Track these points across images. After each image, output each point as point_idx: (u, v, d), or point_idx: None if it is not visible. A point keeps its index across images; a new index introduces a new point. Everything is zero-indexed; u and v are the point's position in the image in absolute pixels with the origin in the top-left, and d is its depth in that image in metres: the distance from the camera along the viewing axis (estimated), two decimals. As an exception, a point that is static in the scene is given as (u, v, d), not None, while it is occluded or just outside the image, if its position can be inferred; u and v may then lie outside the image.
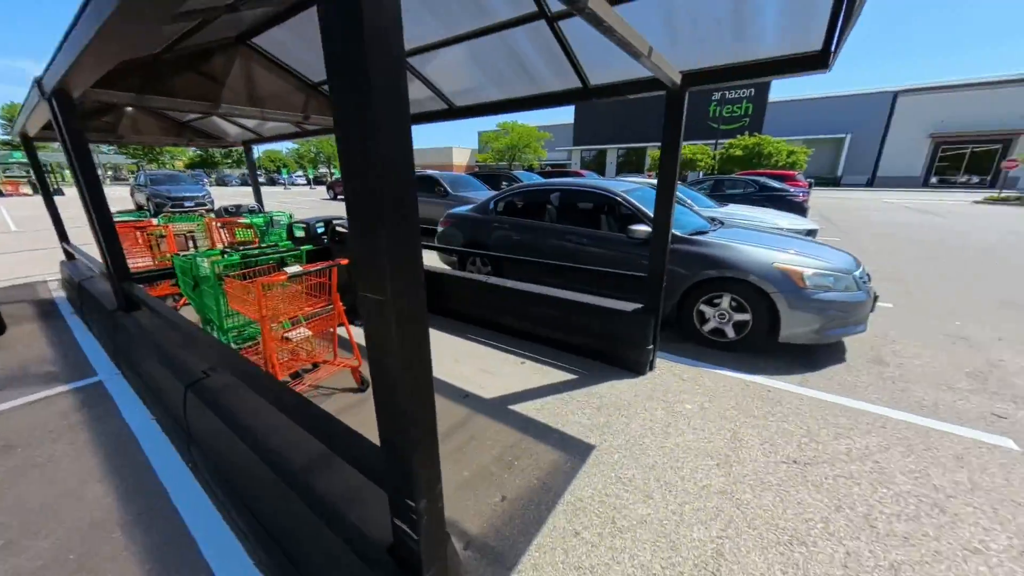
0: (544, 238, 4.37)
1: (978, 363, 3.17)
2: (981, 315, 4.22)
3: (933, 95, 33.65)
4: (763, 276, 3.11)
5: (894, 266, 6.40)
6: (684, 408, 2.59)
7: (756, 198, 10.23)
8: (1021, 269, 6.23)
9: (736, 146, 27.55)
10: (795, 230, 5.43)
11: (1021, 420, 2.45)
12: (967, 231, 10.35)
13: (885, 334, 3.74)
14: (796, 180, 14.06)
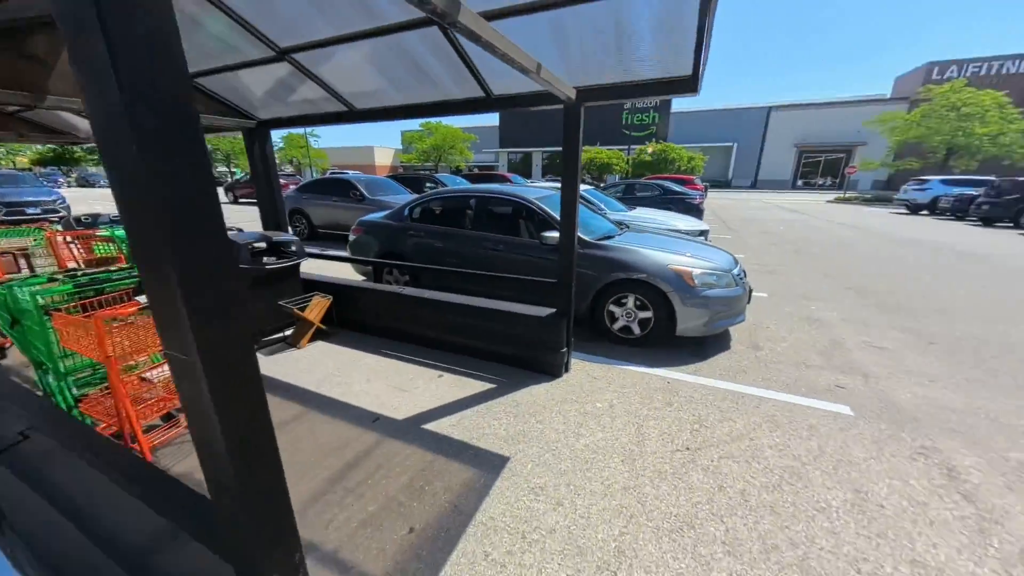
0: (462, 246, 4.32)
1: (826, 343, 3.79)
2: (830, 299, 5.08)
3: (797, 111, 39.99)
4: (661, 277, 3.39)
5: (770, 259, 7.46)
6: (595, 407, 2.71)
7: (661, 201, 11.23)
8: (861, 258, 7.64)
9: (646, 152, 30.12)
10: (690, 231, 6.04)
11: (856, 389, 2.98)
12: (823, 227, 12.45)
13: (760, 321, 4.31)
14: (694, 184, 15.75)
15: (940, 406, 2.75)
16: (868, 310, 4.68)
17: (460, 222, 4.50)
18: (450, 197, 4.73)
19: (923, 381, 3.07)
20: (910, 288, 5.59)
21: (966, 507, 1.89)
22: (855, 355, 3.52)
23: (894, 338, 3.88)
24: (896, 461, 2.21)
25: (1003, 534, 1.75)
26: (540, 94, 2.71)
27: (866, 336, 3.92)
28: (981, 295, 5.27)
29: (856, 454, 2.27)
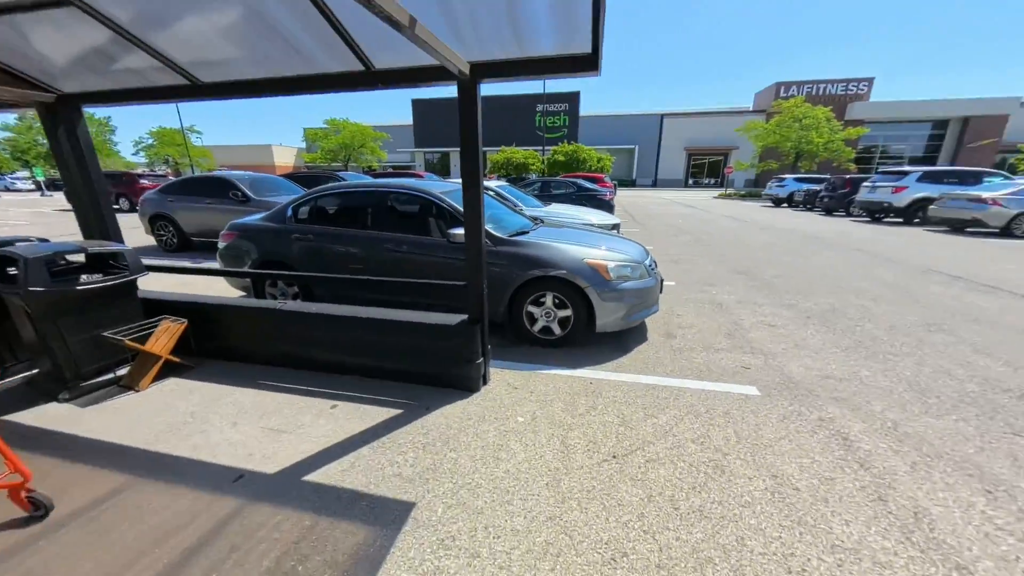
0: (359, 248, 3.75)
1: (729, 324, 4.03)
2: (726, 283, 5.51)
3: (685, 119, 45.06)
4: (577, 272, 3.25)
5: (674, 250, 8.02)
6: (517, 422, 2.43)
7: (575, 197, 11.57)
8: (743, 245, 8.59)
9: (559, 152, 31.36)
10: (603, 225, 6.16)
11: (758, 367, 3.13)
12: (712, 219, 13.99)
13: (672, 309, 4.47)
14: (605, 182, 16.65)
15: (826, 375, 2.99)
16: (756, 292, 5.15)
17: (357, 221, 3.92)
18: (343, 193, 4.11)
19: (810, 353, 3.35)
20: (782, 269, 6.35)
21: (864, 476, 1.98)
22: (753, 335, 3.77)
23: (780, 315, 4.27)
24: (801, 438, 2.28)
25: (897, 498, 1.84)
26: (430, 69, 2.34)
27: (759, 316, 4.26)
28: (831, 271, 6.18)
29: (767, 435, 2.30)
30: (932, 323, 4.01)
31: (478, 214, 2.50)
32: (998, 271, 6.21)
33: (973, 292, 5.09)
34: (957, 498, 1.84)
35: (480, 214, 2.51)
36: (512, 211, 4.75)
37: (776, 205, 20.76)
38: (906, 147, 37.74)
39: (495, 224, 4.08)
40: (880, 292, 5.10)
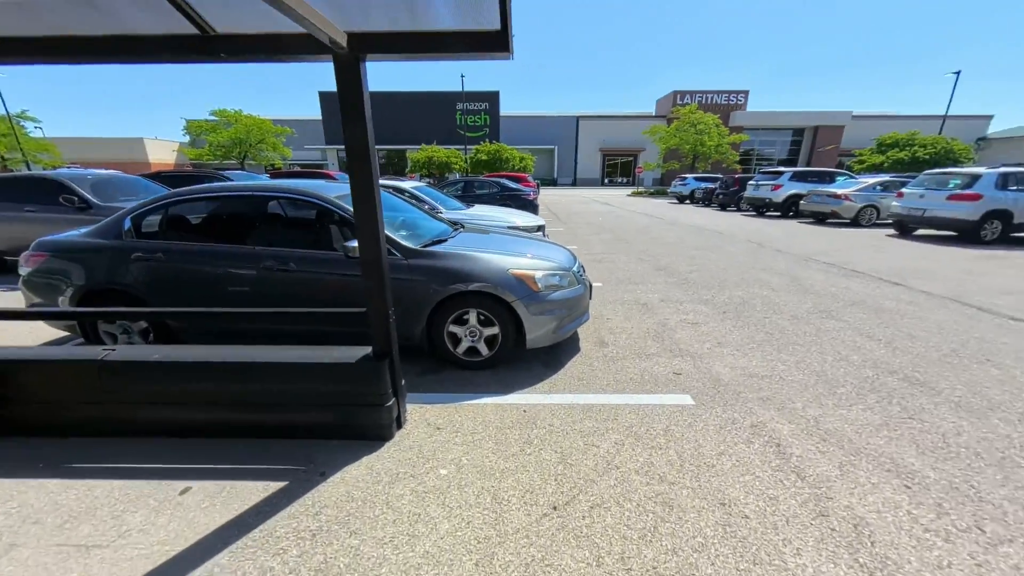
0: (232, 268, 2.98)
1: (656, 325, 4.02)
2: (648, 282, 5.63)
3: (598, 121, 47.73)
4: (502, 285, 2.90)
5: (597, 248, 8.15)
6: (439, 476, 2.00)
7: (499, 198, 11.33)
8: (659, 242, 9.06)
9: (482, 151, 31.08)
10: (528, 227, 5.94)
11: (688, 372, 3.08)
12: (628, 216, 14.79)
13: (601, 314, 4.36)
14: (528, 181, 16.73)
15: (750, 374, 3.03)
16: (676, 288, 5.31)
17: (227, 234, 3.13)
18: (208, 198, 3.26)
19: (732, 351, 3.42)
20: (695, 264, 6.74)
21: (803, 488, 1.92)
22: (679, 335, 3.78)
23: (700, 312, 4.40)
24: (739, 450, 2.20)
25: (836, 511, 1.79)
26: (293, 38, 1.79)
27: (682, 314, 4.34)
28: (734, 263, 6.71)
29: (708, 452, 2.18)
30: (823, 310, 4.42)
31: (374, 224, 2.01)
32: (857, 257, 7.28)
33: (845, 278, 5.82)
34: (885, 500, 1.84)
35: (377, 224, 2.02)
36: (429, 216, 4.27)
37: (680, 202, 22.81)
38: (775, 151, 44.31)
39: (409, 231, 3.59)
40: (777, 282, 5.59)
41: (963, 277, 5.86)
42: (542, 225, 6.23)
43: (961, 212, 8.82)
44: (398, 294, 2.87)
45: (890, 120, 40.85)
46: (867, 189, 12.08)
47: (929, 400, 2.67)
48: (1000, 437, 2.29)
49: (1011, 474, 2.01)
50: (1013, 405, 2.61)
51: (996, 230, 8.74)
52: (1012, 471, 2.03)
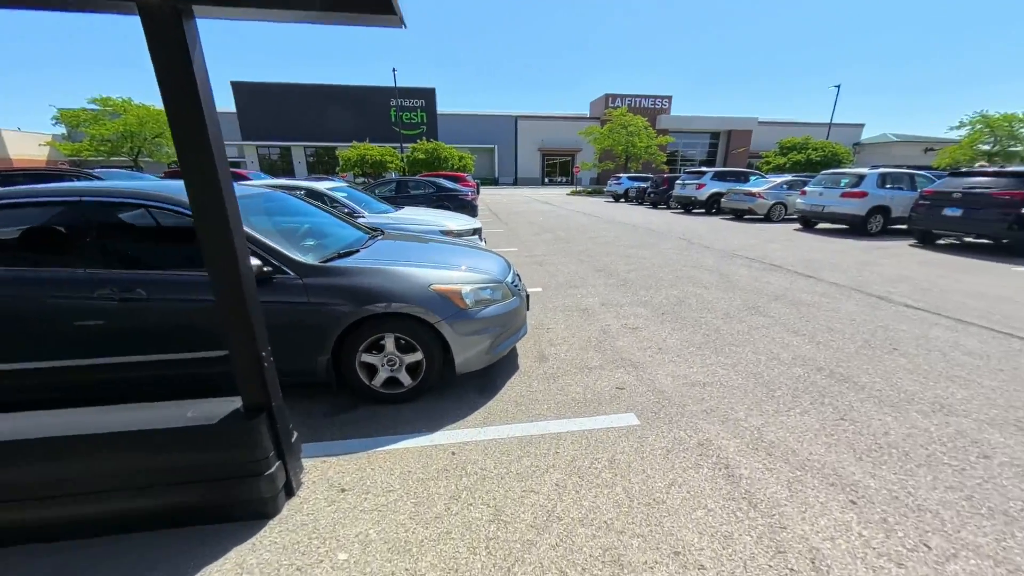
0: (56, 298, 2.24)
1: (597, 333, 3.83)
2: (588, 284, 5.51)
3: (536, 121, 48.34)
4: (424, 304, 2.48)
5: (538, 250, 7.96)
6: (335, 565, 1.55)
7: (435, 198, 10.77)
8: (597, 241, 9.12)
9: (419, 150, 29.94)
10: (463, 231, 5.53)
11: (631, 385, 2.90)
12: (568, 215, 14.94)
13: (541, 323, 4.10)
14: (467, 181, 16.28)
15: (691, 382, 2.92)
16: (615, 290, 5.24)
17: (51, 253, 2.36)
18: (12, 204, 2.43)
19: (672, 357, 3.32)
20: (632, 264, 6.80)
21: (756, 519, 1.76)
22: (620, 342, 3.62)
23: (639, 315, 4.31)
24: (689, 476, 2.01)
25: (791, 543, 1.63)
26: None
27: (622, 318, 4.22)
28: (668, 261, 6.88)
29: (658, 485, 1.96)
30: (751, 306, 4.56)
31: (224, 235, 1.50)
32: (773, 251, 7.85)
33: (766, 272, 6.17)
34: (835, 523, 1.73)
35: (228, 235, 1.51)
36: (346, 222, 3.70)
37: (616, 200, 23.72)
38: (696, 152, 48.10)
39: (316, 241, 3.06)
40: (708, 279, 5.75)
41: (861, 268, 6.49)
42: (478, 228, 5.86)
43: (851, 208, 9.95)
44: (291, 321, 2.34)
45: (789, 126, 46.18)
46: (776, 188, 13.29)
47: (856, 396, 2.72)
48: (921, 432, 2.35)
49: (939, 474, 2.02)
50: (924, 395, 2.74)
51: (879, 223, 9.98)
52: (939, 470, 2.04)
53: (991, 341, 3.61)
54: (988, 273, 6.21)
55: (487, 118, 49.02)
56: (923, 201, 8.50)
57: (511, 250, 8.01)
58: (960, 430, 2.36)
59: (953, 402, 2.65)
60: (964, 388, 2.83)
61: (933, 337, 3.70)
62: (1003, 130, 29.97)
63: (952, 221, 7.99)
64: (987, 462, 2.10)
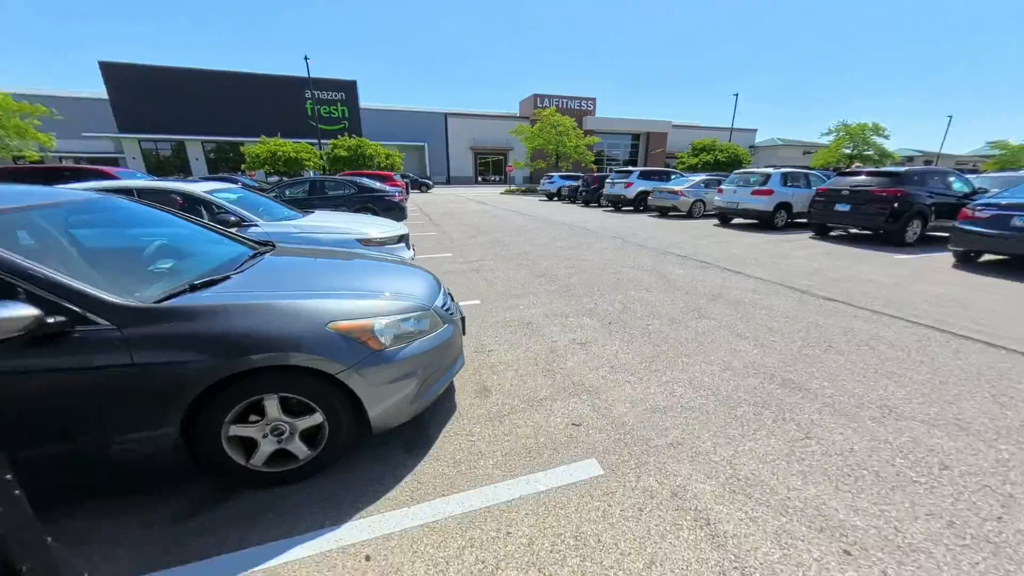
0: None
1: (545, 352, 3.43)
2: (530, 292, 5.12)
3: (467, 119, 47.49)
4: (319, 350, 1.84)
5: (473, 255, 7.43)
6: None
7: (356, 200, 9.71)
8: (535, 243, 8.83)
9: (341, 146, 27.64)
10: (385, 239, 4.82)
11: (588, 418, 2.51)
12: (504, 215, 14.59)
13: (482, 344, 3.59)
14: (395, 180, 15.17)
15: (651, 408, 2.61)
16: (559, 298, 4.90)
17: None
18: None
19: (627, 377, 3.01)
20: (573, 267, 6.57)
21: (755, 601, 1.43)
22: (570, 363, 3.25)
23: (587, 327, 4.00)
24: (669, 547, 1.64)
25: (802, 634, 1.32)
26: None
27: (569, 332, 3.86)
28: (607, 262, 6.78)
29: (636, 567, 1.56)
30: (694, 308, 4.49)
31: None
32: (701, 247, 8.17)
33: (699, 269, 6.29)
34: (839, 588, 1.47)
35: None
36: (222, 234, 2.85)
37: (550, 199, 23.97)
38: (620, 153, 50.88)
39: (169, 266, 2.26)
40: (648, 280, 5.68)
41: (777, 261, 6.93)
42: (404, 235, 5.16)
43: (761, 204, 10.84)
44: (105, 395, 1.58)
45: (699, 129, 50.74)
46: (695, 186, 14.17)
47: (812, 407, 2.61)
48: (882, 444, 2.26)
49: (914, 497, 1.88)
50: (870, 398, 2.71)
51: (783, 218, 11.00)
52: (913, 493, 1.91)
53: (903, 331, 3.85)
54: (876, 262, 6.97)
55: (416, 114, 47.10)
56: (819, 198, 9.47)
57: (445, 256, 7.38)
58: (914, 437, 2.31)
59: (896, 403, 2.65)
60: (900, 386, 2.87)
61: (857, 330, 3.86)
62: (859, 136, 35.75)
63: (842, 215, 8.98)
64: (949, 474, 2.03)
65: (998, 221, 6.06)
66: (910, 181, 8.25)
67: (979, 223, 6.26)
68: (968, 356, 3.33)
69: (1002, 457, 2.15)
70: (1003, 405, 2.63)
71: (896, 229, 8.22)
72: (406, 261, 3.28)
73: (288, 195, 9.90)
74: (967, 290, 5.26)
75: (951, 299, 4.83)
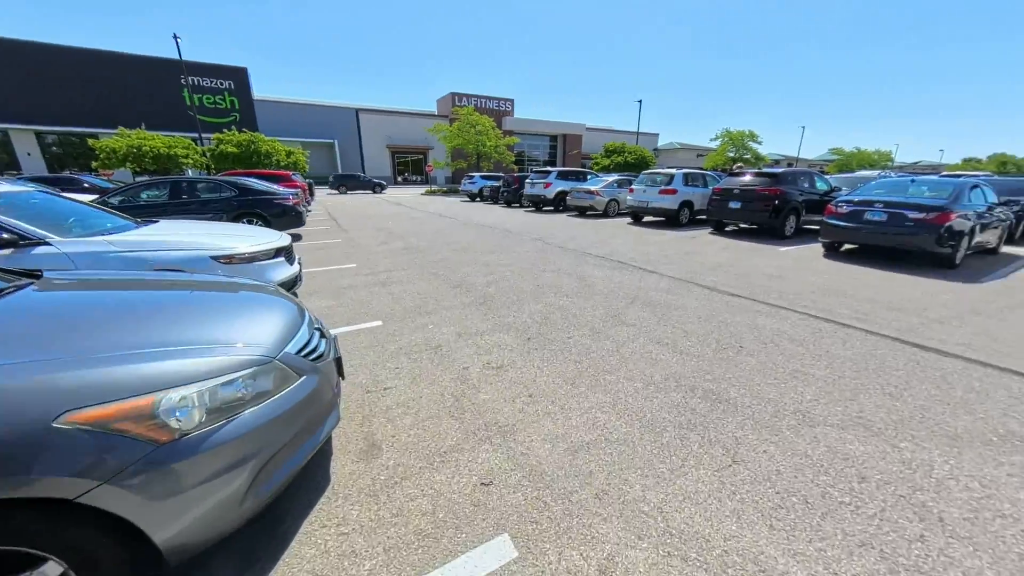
0: None
1: (454, 384, 2.92)
2: (444, 308, 4.56)
3: (382, 116, 44.77)
4: (31, 468, 1.10)
5: (383, 264, 6.62)
6: None
7: (239, 205, 8.20)
8: (452, 247, 8.26)
9: (228, 142, 24.02)
10: (258, 253, 3.90)
11: (500, 471, 2.06)
12: (423, 217, 13.73)
13: (377, 379, 2.96)
14: (292, 180, 13.42)
15: (572, 446, 2.25)
16: (475, 312, 4.43)
17: None
18: None
19: (547, 406, 2.63)
20: (493, 274, 6.15)
21: None
22: (483, 395, 2.78)
23: (504, 345, 3.57)
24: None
25: None
26: None
27: (484, 354, 3.40)
28: (527, 267, 6.50)
29: None
30: (613, 315, 4.32)
31: None
32: (617, 247, 8.32)
33: (616, 271, 6.29)
34: None
35: None
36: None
37: (472, 200, 23.47)
38: (539, 154, 52.22)
39: None
40: (568, 285, 5.47)
41: (685, 258, 7.26)
42: (284, 247, 4.25)
43: (667, 203, 11.53)
44: None
45: (610, 132, 54.17)
46: (610, 186, 14.74)
47: (733, 421, 2.47)
48: (803, 459, 2.15)
49: (843, 524, 1.74)
50: (785, 403, 2.67)
51: (687, 216, 11.84)
52: (841, 517, 1.77)
53: (799, 324, 4.07)
54: (765, 254, 7.67)
55: (323, 109, 43.21)
56: (715, 196, 10.30)
57: (347, 268, 6.46)
58: (829, 447, 2.25)
59: (807, 407, 2.64)
60: (807, 384, 2.90)
61: (761, 327, 3.98)
62: (739, 142, 41.08)
63: (735, 212, 9.85)
64: (868, 487, 1.95)
65: (854, 215, 6.99)
66: (785, 181, 9.31)
67: (841, 217, 7.17)
68: (854, 345, 3.56)
69: (905, 457, 2.17)
70: (892, 396, 2.76)
71: (778, 224, 9.22)
72: (261, 287, 2.51)
73: (145, 199, 8.04)
74: (841, 278, 5.92)
75: (831, 289, 5.34)
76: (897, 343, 3.62)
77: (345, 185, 32.52)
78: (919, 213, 6.28)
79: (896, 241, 6.53)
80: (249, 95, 37.81)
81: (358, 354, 3.33)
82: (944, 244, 6.17)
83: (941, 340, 3.68)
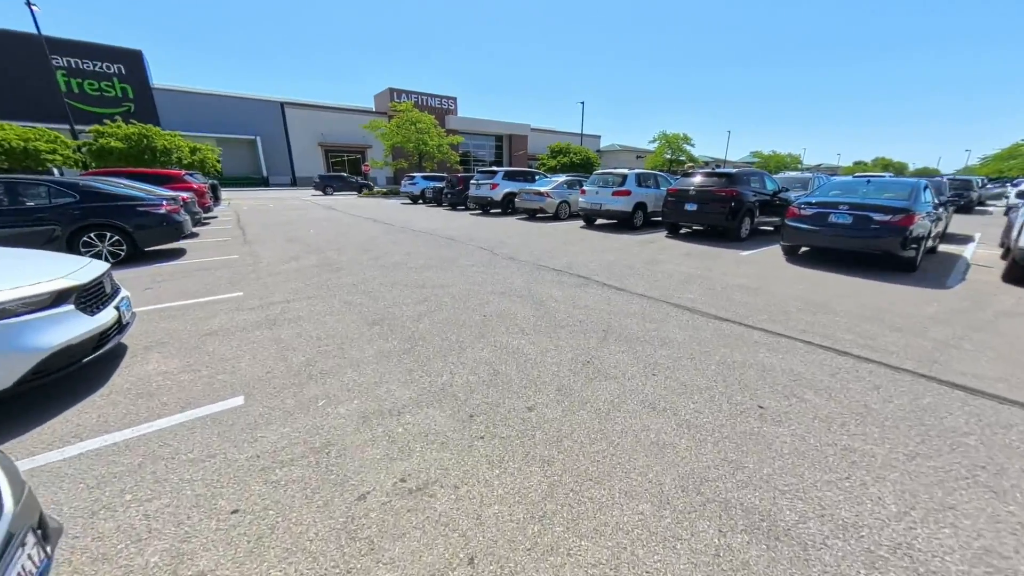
0: None
1: (331, 537, 1.64)
2: (348, 362, 3.21)
3: (312, 111, 40.93)
4: None
5: (281, 293, 5.03)
6: None
7: (78, 215, 6.09)
8: (381, 264, 6.82)
9: (113, 135, 20.03)
10: (24, 301, 2.32)
11: None
12: (353, 223, 11.93)
13: (182, 552, 1.59)
14: (181, 182, 11.06)
15: None
16: (394, 368, 3.14)
17: None
18: None
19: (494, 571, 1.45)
20: (425, 302, 4.87)
21: None
22: (393, 552, 1.54)
23: (432, 435, 2.35)
24: None
25: None
26: None
27: (399, 458, 2.14)
28: (472, 291, 5.30)
29: None
30: (586, 360, 3.26)
31: None
32: (574, 255, 7.38)
33: (579, 288, 5.29)
34: None
35: None
36: None
37: (413, 202, 21.73)
38: (485, 154, 51.05)
39: None
40: (522, 314, 4.34)
41: (650, 268, 6.47)
42: (82, 285, 2.67)
43: (620, 205, 10.89)
44: None
45: (555, 134, 54.36)
46: (559, 187, 13.94)
47: None
48: None
49: None
50: (865, 523, 1.73)
51: (640, 218, 11.29)
52: None
53: (810, 360, 3.27)
54: (729, 261, 7.12)
55: (242, 101, 38.54)
56: (670, 198, 9.77)
57: (229, 297, 4.82)
58: None
59: (903, 532, 1.72)
60: (873, 476, 2.00)
61: (770, 367, 3.13)
62: (675, 144, 42.92)
63: (691, 214, 9.37)
64: None
65: (818, 218, 6.61)
66: (741, 181, 8.97)
67: (805, 220, 6.78)
68: (889, 392, 2.80)
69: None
70: (992, 490, 1.93)
71: (734, 226, 8.84)
72: None
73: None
74: (815, 288, 5.39)
75: (814, 303, 4.73)
76: (933, 384, 2.92)
77: (331, 186, 30.85)
78: (884, 215, 5.98)
79: (862, 245, 6.21)
80: (146, 82, 32.71)
81: (173, 476, 1.92)
82: (908, 247, 5.91)
83: (976, 376, 3.04)
